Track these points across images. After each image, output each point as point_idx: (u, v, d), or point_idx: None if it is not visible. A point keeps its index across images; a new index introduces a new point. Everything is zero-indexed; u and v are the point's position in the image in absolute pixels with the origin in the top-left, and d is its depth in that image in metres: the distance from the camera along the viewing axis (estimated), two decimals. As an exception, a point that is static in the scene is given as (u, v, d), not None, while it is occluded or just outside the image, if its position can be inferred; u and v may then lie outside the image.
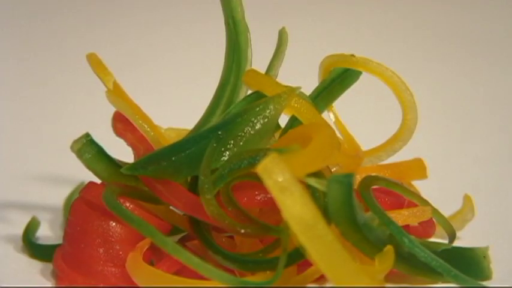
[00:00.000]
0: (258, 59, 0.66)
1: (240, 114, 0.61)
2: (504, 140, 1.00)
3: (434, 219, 0.65)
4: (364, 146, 0.70)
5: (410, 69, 0.74)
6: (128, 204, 0.62)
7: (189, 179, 0.62)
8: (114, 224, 0.62)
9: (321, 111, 0.66)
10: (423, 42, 1.50)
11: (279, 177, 0.54)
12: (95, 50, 0.65)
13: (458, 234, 0.66)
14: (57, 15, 1.57)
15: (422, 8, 1.76)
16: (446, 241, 0.64)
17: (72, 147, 0.62)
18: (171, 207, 0.62)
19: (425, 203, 0.65)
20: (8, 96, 1.18)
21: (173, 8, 1.66)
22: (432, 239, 0.66)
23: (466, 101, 1.17)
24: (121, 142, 0.69)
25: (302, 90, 0.63)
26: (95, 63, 0.65)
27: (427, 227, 0.67)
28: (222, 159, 0.60)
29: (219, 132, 0.60)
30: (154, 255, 0.62)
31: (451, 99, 1.18)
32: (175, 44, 1.48)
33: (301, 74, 0.68)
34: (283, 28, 0.65)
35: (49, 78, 1.27)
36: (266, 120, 0.61)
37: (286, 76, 0.65)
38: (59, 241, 0.65)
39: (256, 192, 0.61)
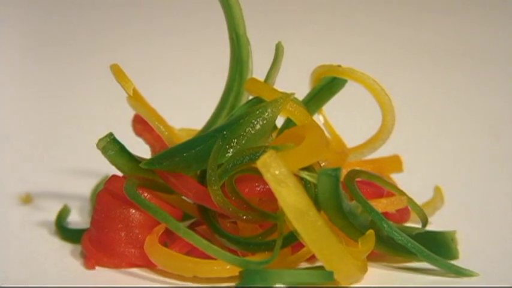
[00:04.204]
0: (258, 69, 0.66)
1: (242, 116, 0.61)
2: (469, 139, 1.00)
3: (409, 207, 0.65)
4: (349, 144, 0.70)
5: (389, 78, 0.74)
6: (145, 194, 0.62)
7: (198, 172, 0.62)
8: (133, 211, 0.62)
9: (312, 114, 0.66)
10: (401, 54, 1.51)
11: (276, 171, 0.54)
12: (119, 62, 0.65)
13: (429, 219, 0.66)
14: (92, 36, 1.59)
15: (398, 26, 1.77)
16: (419, 226, 0.64)
17: (97, 145, 0.62)
18: (182, 197, 0.62)
19: (402, 193, 0.64)
20: (46, 102, 1.19)
21: (186, 26, 1.69)
22: (407, 224, 0.66)
23: (437, 106, 1.18)
24: (140, 141, 0.69)
25: (296, 95, 0.63)
26: (117, 72, 0.65)
27: (403, 214, 0.67)
28: (226, 155, 0.60)
29: (224, 132, 0.60)
30: (169, 238, 0.61)
31: (424, 104, 1.18)
32: (186, 55, 1.49)
33: (295, 82, 0.68)
34: (280, 42, 0.64)
35: (81, 86, 1.28)
36: (265, 121, 0.61)
37: (282, 83, 0.65)
38: (87, 226, 0.65)
39: (256, 184, 0.61)
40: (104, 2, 1.81)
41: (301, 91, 0.66)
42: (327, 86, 0.67)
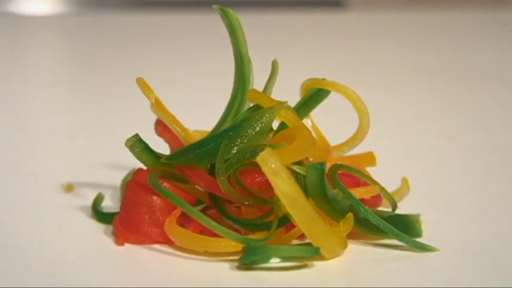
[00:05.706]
0: (258, 81, 0.66)
1: (245, 120, 0.61)
2: (430, 139, 1.00)
3: (381, 194, 0.65)
4: (332, 143, 0.69)
5: (365, 89, 0.74)
6: (165, 184, 0.61)
7: (208, 166, 0.62)
8: (156, 197, 0.61)
9: (302, 118, 0.66)
10: (375, 70, 1.52)
11: (272, 165, 0.54)
12: (144, 76, 0.65)
13: (398, 205, 0.65)
14: (125, 57, 1.66)
15: (372, 47, 1.78)
16: (390, 210, 0.64)
17: (126, 144, 0.62)
18: (196, 186, 0.62)
19: (375, 182, 0.64)
20: (86, 110, 1.19)
21: (199, 47, 1.73)
22: (380, 208, 0.66)
23: (404, 112, 1.18)
24: (161, 140, 0.69)
25: (288, 103, 0.63)
26: (143, 84, 0.65)
27: (376, 200, 0.66)
28: (232, 152, 0.60)
29: (230, 133, 0.60)
30: (184, 220, 0.61)
31: (394, 110, 1.18)
32: (199, 71, 1.50)
33: (288, 92, 0.68)
34: (275, 59, 0.64)
35: (114, 96, 1.29)
36: (263, 124, 0.61)
37: (277, 93, 0.64)
38: (117, 210, 0.65)
39: (256, 175, 0.60)
40: (137, 33, 1.91)
41: (293, 99, 0.66)
42: (314, 95, 0.67)
